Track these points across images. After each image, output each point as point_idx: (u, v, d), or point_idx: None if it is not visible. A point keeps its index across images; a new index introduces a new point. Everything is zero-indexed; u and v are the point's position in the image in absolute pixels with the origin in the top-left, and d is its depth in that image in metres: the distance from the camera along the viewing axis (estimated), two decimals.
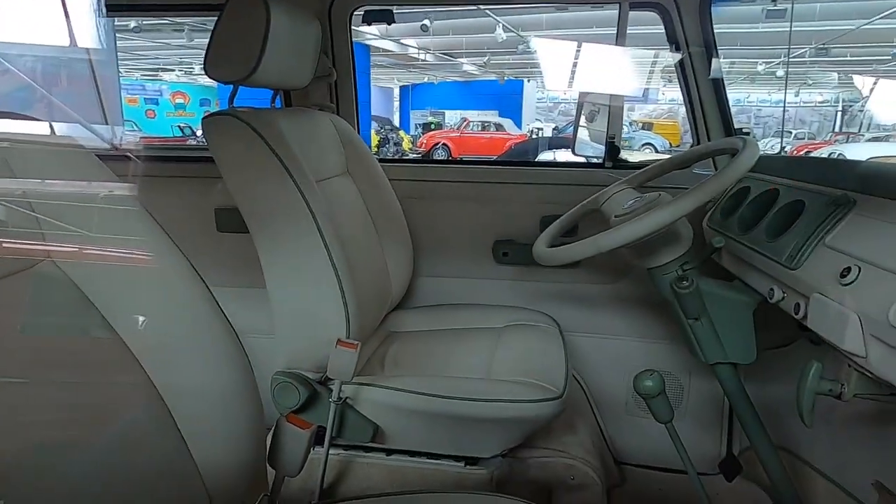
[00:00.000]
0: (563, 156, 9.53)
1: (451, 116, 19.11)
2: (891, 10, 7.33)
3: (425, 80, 21.19)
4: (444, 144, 16.12)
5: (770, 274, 1.08)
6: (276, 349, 1.19)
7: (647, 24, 1.62)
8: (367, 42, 12.16)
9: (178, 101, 20.10)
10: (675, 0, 1.47)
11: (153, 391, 0.65)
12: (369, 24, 1.58)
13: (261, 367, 0.87)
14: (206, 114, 1.18)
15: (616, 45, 1.56)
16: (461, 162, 3.60)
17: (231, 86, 1.20)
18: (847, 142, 15.19)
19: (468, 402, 1.15)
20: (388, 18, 1.57)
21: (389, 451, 1.26)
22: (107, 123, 1.96)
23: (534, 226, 1.69)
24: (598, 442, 1.58)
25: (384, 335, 1.54)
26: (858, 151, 11.69)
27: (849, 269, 0.84)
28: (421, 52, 14.96)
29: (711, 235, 1.41)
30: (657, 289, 1.24)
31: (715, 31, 1.49)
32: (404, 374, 1.30)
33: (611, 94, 1.64)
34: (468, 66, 18.01)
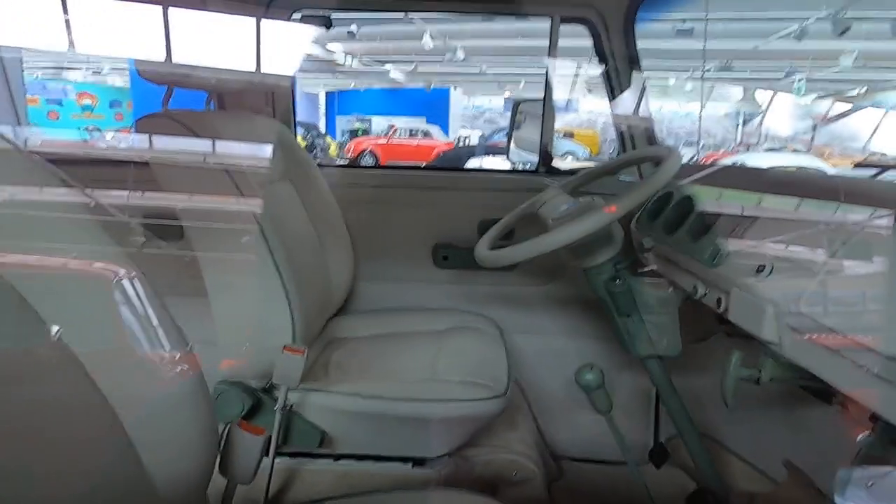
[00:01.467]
0: (492, 163, 9.76)
1: (379, 123, 19.04)
2: (785, 32, 8.04)
3: (352, 86, 21.02)
4: (371, 151, 16.03)
5: (693, 272, 1.17)
6: (218, 358, 1.16)
7: (574, 36, 1.70)
8: None
9: (84, 102, 18.84)
10: (602, 16, 1.56)
11: (102, 399, 0.63)
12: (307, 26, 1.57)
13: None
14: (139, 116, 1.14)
15: (548, 57, 1.64)
16: (401, 168, 3.62)
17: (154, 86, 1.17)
18: (747, 152, 16.45)
19: (415, 403, 1.17)
20: (326, 23, 1.57)
21: (337, 457, 1.26)
22: (20, 124, 1.83)
23: (472, 230, 1.73)
24: (536, 438, 1.64)
25: (326, 341, 1.53)
26: (757, 161, 12.70)
27: (763, 266, 0.93)
28: (347, 57, 14.84)
29: (640, 237, 1.50)
30: (592, 288, 1.31)
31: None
32: (350, 378, 1.30)
33: (544, 103, 1.71)
34: (395, 73, 18.05)
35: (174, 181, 1.11)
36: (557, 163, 1.83)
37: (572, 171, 1.71)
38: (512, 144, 1.90)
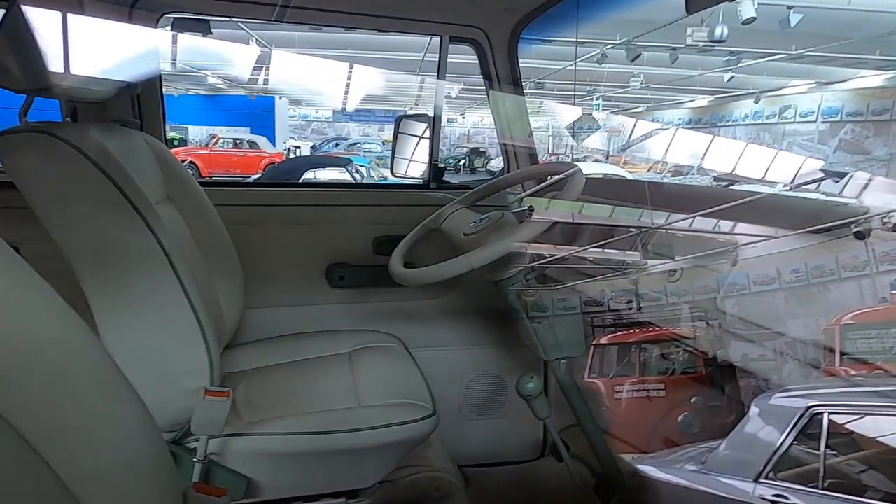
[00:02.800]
0: (325, 175, 9.55)
1: (196, 132, 17.63)
2: (587, 56, 9.07)
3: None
4: (191, 162, 14.78)
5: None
6: None
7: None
8: None
9: None
10: (487, 37, 1.63)
11: (45, 469, 0.51)
12: (180, 33, 1.41)
13: None
14: None
15: (438, 76, 1.67)
16: (289, 185, 3.38)
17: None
18: (558, 160, 18.24)
19: (351, 434, 1.11)
20: (203, 29, 1.42)
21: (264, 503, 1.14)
22: None
23: (366, 247, 1.70)
24: (445, 449, 1.65)
25: (220, 377, 1.38)
26: None
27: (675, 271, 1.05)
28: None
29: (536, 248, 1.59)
30: (503, 298, 1.35)
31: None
32: (267, 416, 1.19)
33: (433, 119, 1.74)
34: (213, 79, 16.88)
35: (50, 207, 0.93)
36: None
37: (463, 186, 1.76)
38: (397, 159, 1.89)
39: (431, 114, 1.81)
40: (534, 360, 1.39)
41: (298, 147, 17.69)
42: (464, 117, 24.06)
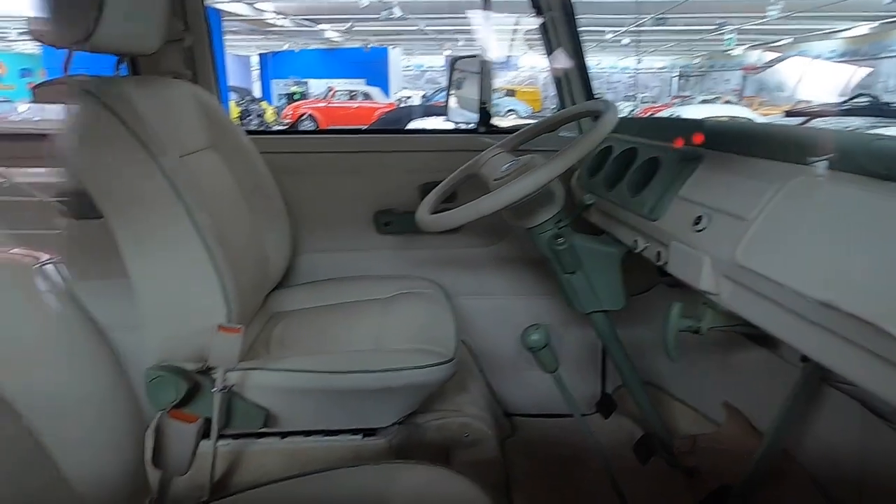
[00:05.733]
0: (434, 123, 9.62)
1: (316, 86, 18.38)
2: None
3: (285, 47, 20.15)
4: (310, 115, 15.53)
5: (634, 226, 1.17)
6: (147, 343, 1.09)
7: None
8: (217, 5, 11.28)
9: None
10: None
11: (2, 402, 0.57)
12: None
13: (131, 363, 0.79)
14: (34, 84, 1.02)
15: (483, 10, 1.58)
16: (334, 132, 3.50)
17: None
18: (682, 104, 16.87)
19: (361, 375, 1.14)
20: None
21: (283, 434, 1.22)
22: None
23: (413, 194, 1.69)
24: (488, 398, 1.65)
25: (267, 317, 1.47)
26: (692, 112, 13.05)
27: (700, 218, 0.93)
28: (278, 17, 14.15)
29: (581, 194, 1.50)
30: (536, 247, 1.30)
31: None
32: (292, 353, 1.25)
33: (482, 61, 1.66)
34: (330, 32, 17.39)
35: (80, 154, 1.01)
36: (498, 121, 1.80)
37: (513, 130, 1.68)
38: (451, 104, 1.84)
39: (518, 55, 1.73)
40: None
41: (409, 97, 17.89)
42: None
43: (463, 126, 1.81)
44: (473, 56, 1.75)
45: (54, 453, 0.59)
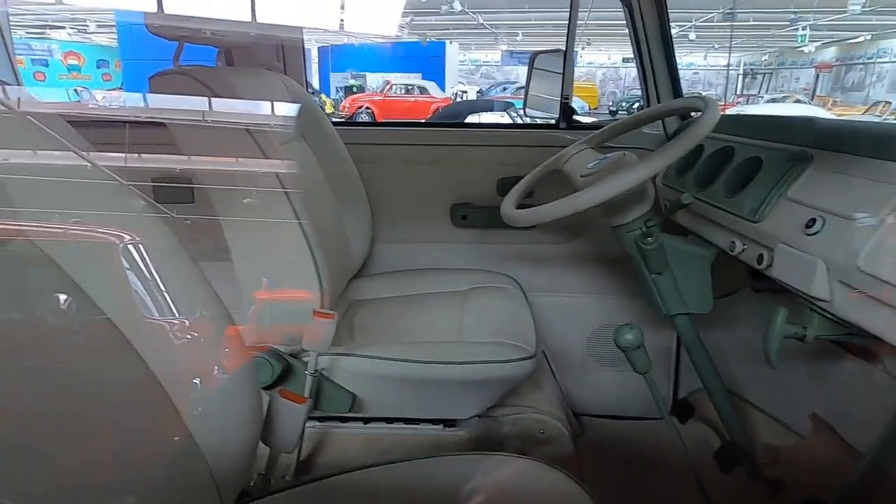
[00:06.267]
0: (490, 118, 9.59)
1: (374, 79, 18.61)
2: None
3: (345, 41, 20.46)
4: (367, 108, 15.74)
5: (730, 228, 1.14)
6: (245, 324, 1.13)
7: None
8: None
9: (70, 62, 18.31)
10: None
11: (150, 374, 0.60)
12: None
13: None
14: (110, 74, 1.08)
15: (571, 4, 1.56)
16: (416, 125, 3.54)
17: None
18: (748, 103, 16.20)
19: (445, 366, 1.15)
20: None
21: (367, 420, 1.25)
22: (18, 84, 1.76)
23: (491, 188, 1.69)
24: (560, 396, 1.64)
25: (347, 304, 1.51)
26: (759, 111, 12.53)
27: (813, 220, 0.89)
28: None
29: (666, 193, 1.46)
30: (622, 246, 1.27)
31: None
32: (376, 341, 1.28)
33: (565, 54, 1.64)
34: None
35: (193, 141, 1.06)
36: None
37: (595, 126, 1.65)
38: (529, 99, 1.83)
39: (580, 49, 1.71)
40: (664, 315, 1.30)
41: (465, 92, 17.88)
42: None
43: (542, 121, 1.79)
44: (555, 51, 1.73)
45: (191, 426, 0.62)
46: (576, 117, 1.77)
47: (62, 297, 0.57)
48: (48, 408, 0.53)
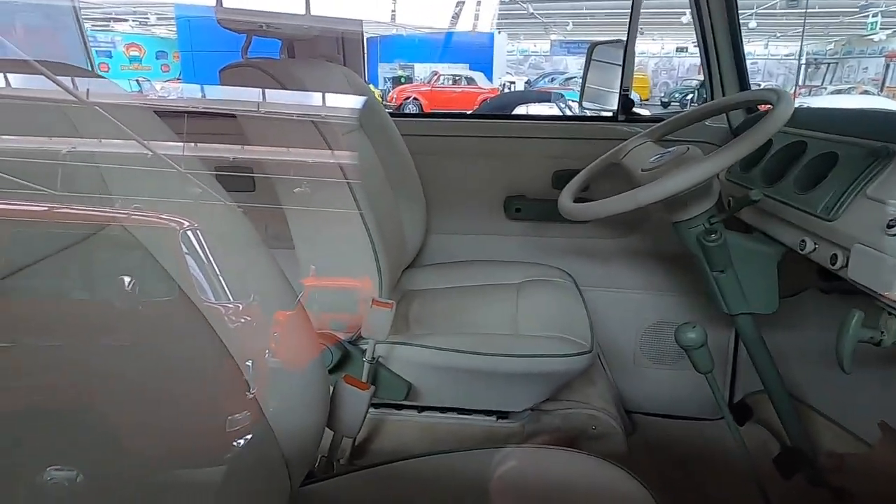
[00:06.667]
0: (538, 110, 9.46)
1: (421, 70, 18.62)
2: None
3: (394, 31, 20.54)
4: (414, 98, 15.79)
5: (800, 226, 1.09)
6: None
7: None
8: None
9: (132, 53, 19.03)
10: None
11: (228, 355, 0.63)
12: None
13: None
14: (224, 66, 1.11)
15: None
16: (471, 116, 3.54)
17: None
18: (809, 95, 15.46)
19: (501, 358, 1.16)
20: None
21: (421, 409, 1.27)
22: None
23: (545, 181, 1.68)
24: (612, 392, 1.62)
25: (400, 294, 1.53)
26: (822, 104, 11.94)
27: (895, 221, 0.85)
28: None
29: (730, 188, 1.42)
30: (683, 242, 1.25)
31: None
32: (432, 332, 1.29)
33: (627, 44, 1.61)
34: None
35: (260, 131, 1.09)
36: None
37: (655, 119, 1.62)
38: (587, 90, 1.80)
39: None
40: (725, 314, 1.27)
41: (513, 83, 17.70)
42: (696, 45, 21.51)
43: (599, 113, 1.76)
44: (615, 41, 1.70)
45: (264, 408, 0.65)
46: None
47: (147, 278, 0.60)
48: (130, 383, 0.56)
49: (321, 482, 0.79)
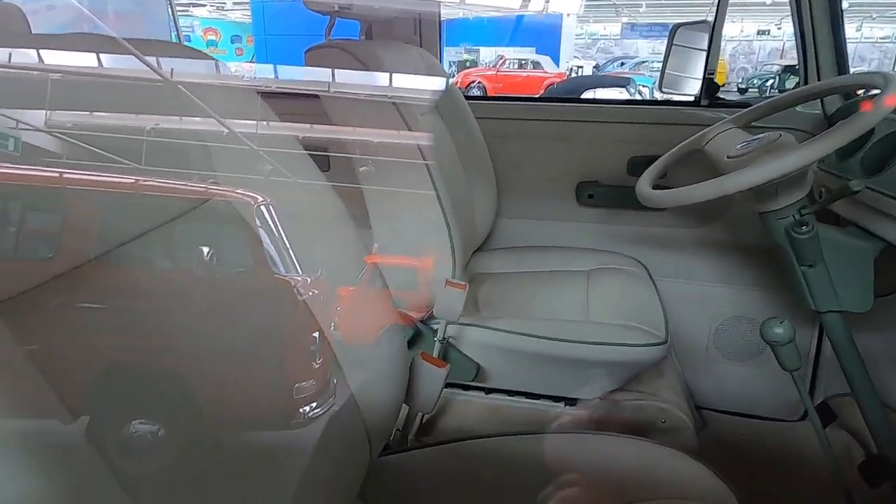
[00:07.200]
0: (607, 95, 9.19)
1: (487, 53, 18.45)
2: None
3: (460, 15, 20.41)
4: (479, 83, 15.69)
5: None
6: None
7: None
8: None
9: (209, 37, 19.77)
10: None
11: (320, 332, 0.65)
12: None
13: None
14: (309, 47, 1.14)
15: None
16: (546, 100, 3.50)
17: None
18: None
19: (574, 345, 1.15)
20: None
21: (488, 390, 1.28)
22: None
23: (619, 167, 1.64)
24: (683, 386, 1.58)
25: (469, 277, 1.53)
26: None
27: None
28: None
29: (823, 178, 1.34)
30: (769, 234, 1.19)
31: None
32: (502, 315, 1.29)
33: (714, 25, 1.54)
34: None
35: (342, 112, 1.12)
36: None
37: (741, 104, 1.54)
38: (667, 74, 1.73)
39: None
40: (809, 311, 1.20)
41: (581, 67, 17.27)
42: (779, 28, 20.21)
43: (680, 98, 1.69)
44: (700, 22, 1.62)
45: (350, 381, 0.67)
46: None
47: (242, 250, 0.63)
48: (227, 350, 0.59)
49: (396, 454, 0.81)
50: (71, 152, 0.49)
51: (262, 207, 0.68)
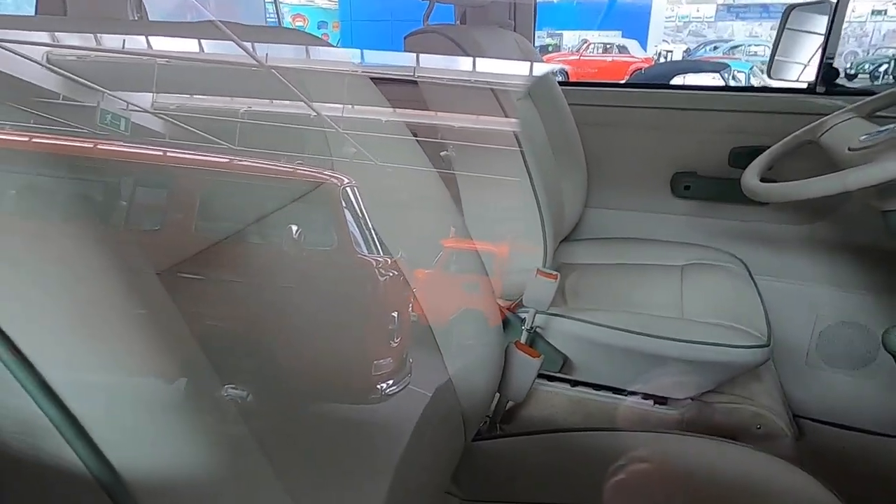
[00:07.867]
0: (697, 81, 8.71)
1: (570, 38, 17.96)
2: None
3: None
4: (561, 68, 15.32)
5: None
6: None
7: None
8: None
9: (297, 23, 20.42)
10: None
11: (422, 317, 0.66)
12: None
13: None
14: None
15: None
16: (641, 85, 3.38)
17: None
18: None
19: (668, 342, 1.11)
20: None
21: (574, 382, 1.26)
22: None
23: (721, 158, 1.55)
24: (780, 392, 1.49)
25: (556, 266, 1.51)
26: None
27: None
28: None
29: None
30: (892, 234, 1.09)
31: None
32: (590, 307, 1.27)
33: (836, 5, 1.42)
34: None
35: (440, 97, 1.12)
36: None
37: (864, 92, 1.42)
38: (778, 58, 1.62)
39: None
40: None
41: (670, 51, 16.47)
42: None
43: (791, 85, 1.58)
44: (819, 2, 1.50)
45: (447, 362, 0.68)
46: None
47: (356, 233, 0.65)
48: (332, 328, 0.61)
49: (488, 440, 0.82)
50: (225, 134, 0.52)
51: (351, 189, 0.70)
